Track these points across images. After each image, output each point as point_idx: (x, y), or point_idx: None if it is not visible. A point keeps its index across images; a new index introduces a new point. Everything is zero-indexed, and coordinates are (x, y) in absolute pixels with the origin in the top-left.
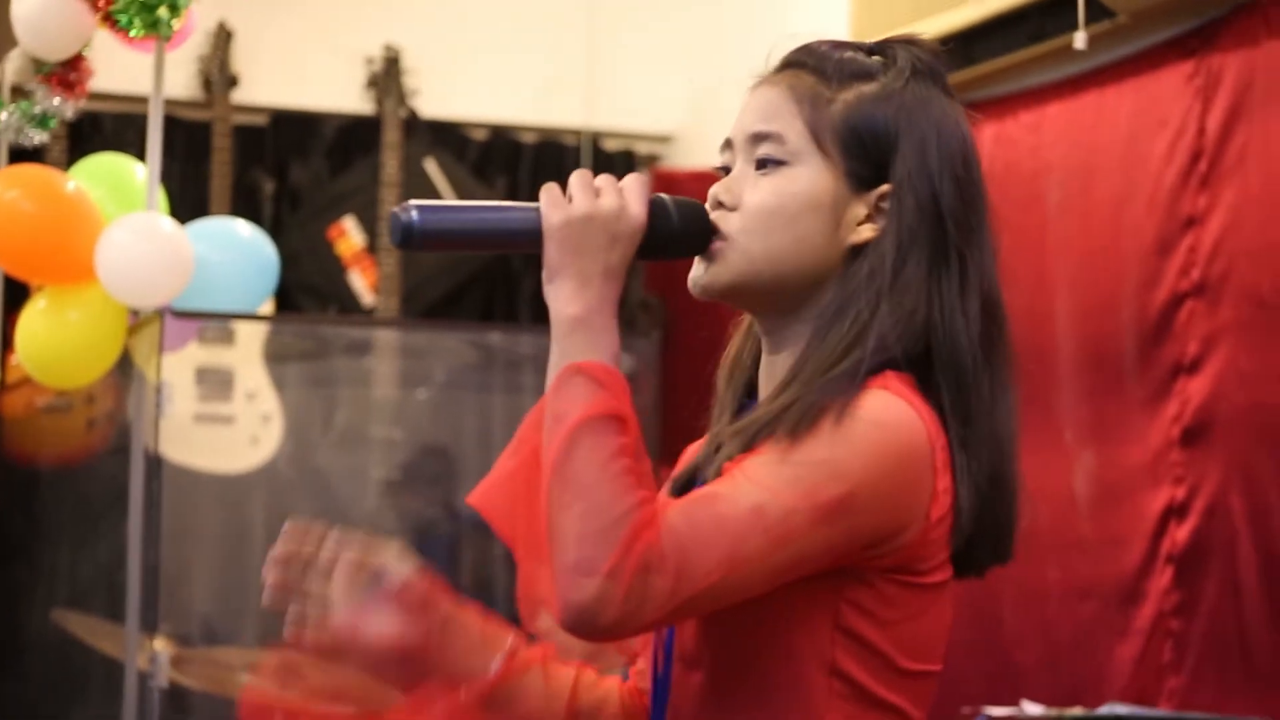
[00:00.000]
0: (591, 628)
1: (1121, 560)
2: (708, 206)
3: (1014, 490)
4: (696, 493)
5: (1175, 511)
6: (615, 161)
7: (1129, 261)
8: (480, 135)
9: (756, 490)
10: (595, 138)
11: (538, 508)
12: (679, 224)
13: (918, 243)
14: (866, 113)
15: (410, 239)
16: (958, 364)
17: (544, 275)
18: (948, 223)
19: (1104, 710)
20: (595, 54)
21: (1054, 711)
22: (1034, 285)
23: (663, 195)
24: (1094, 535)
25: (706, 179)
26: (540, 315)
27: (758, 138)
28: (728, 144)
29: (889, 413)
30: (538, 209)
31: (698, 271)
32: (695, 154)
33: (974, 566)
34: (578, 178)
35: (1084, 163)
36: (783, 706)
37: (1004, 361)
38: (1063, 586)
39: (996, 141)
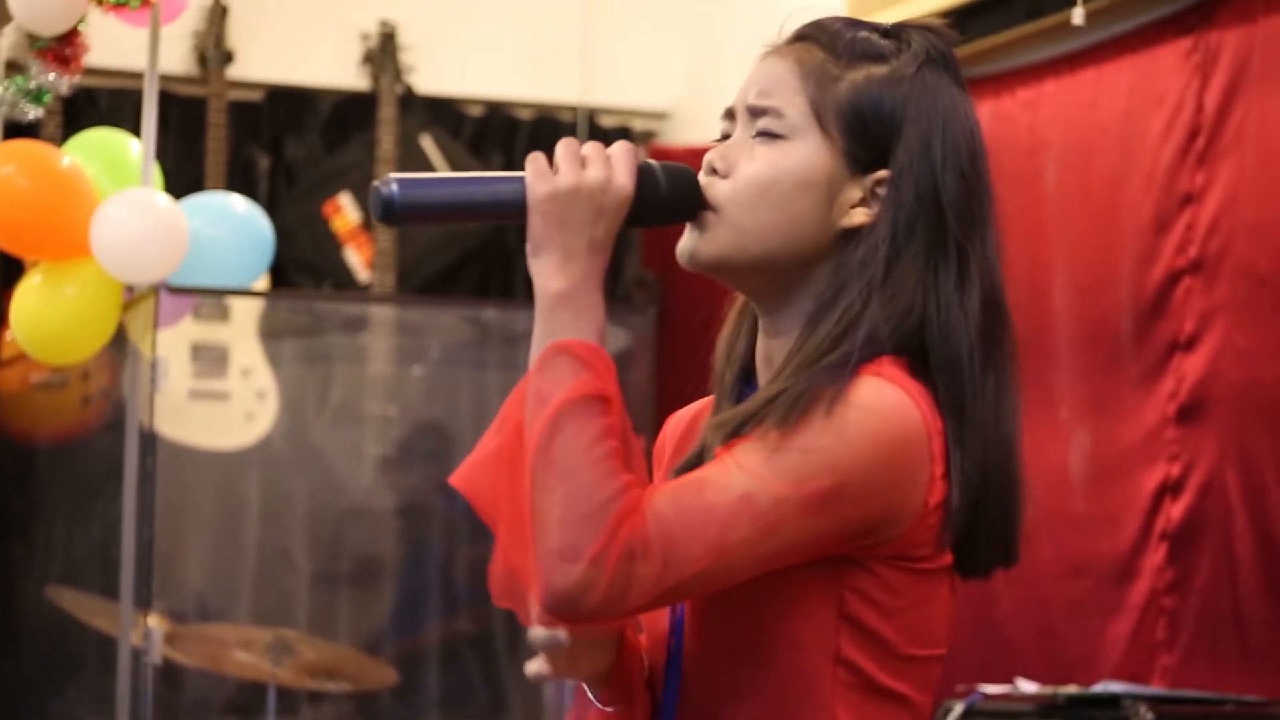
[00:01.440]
0: (574, 613)
1: (1116, 537)
2: (701, 172)
3: (1017, 490)
4: (684, 478)
5: (1170, 488)
6: (611, 138)
7: (1126, 238)
8: (476, 111)
9: (746, 478)
10: (591, 114)
11: (520, 488)
12: (668, 191)
13: (915, 234)
14: (874, 95)
15: (391, 213)
16: (953, 359)
17: (528, 249)
18: (948, 215)
19: (1098, 688)
20: (591, 30)
21: (1048, 689)
22: (1031, 263)
23: (651, 161)
24: (1088, 512)
25: (703, 155)
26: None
27: (758, 110)
28: (730, 113)
29: (883, 400)
30: (523, 179)
31: (687, 241)
32: (692, 130)
33: (978, 567)
34: (563, 147)
35: (1081, 140)
36: (789, 696)
37: (1006, 360)
38: (1057, 564)
39: (993, 119)
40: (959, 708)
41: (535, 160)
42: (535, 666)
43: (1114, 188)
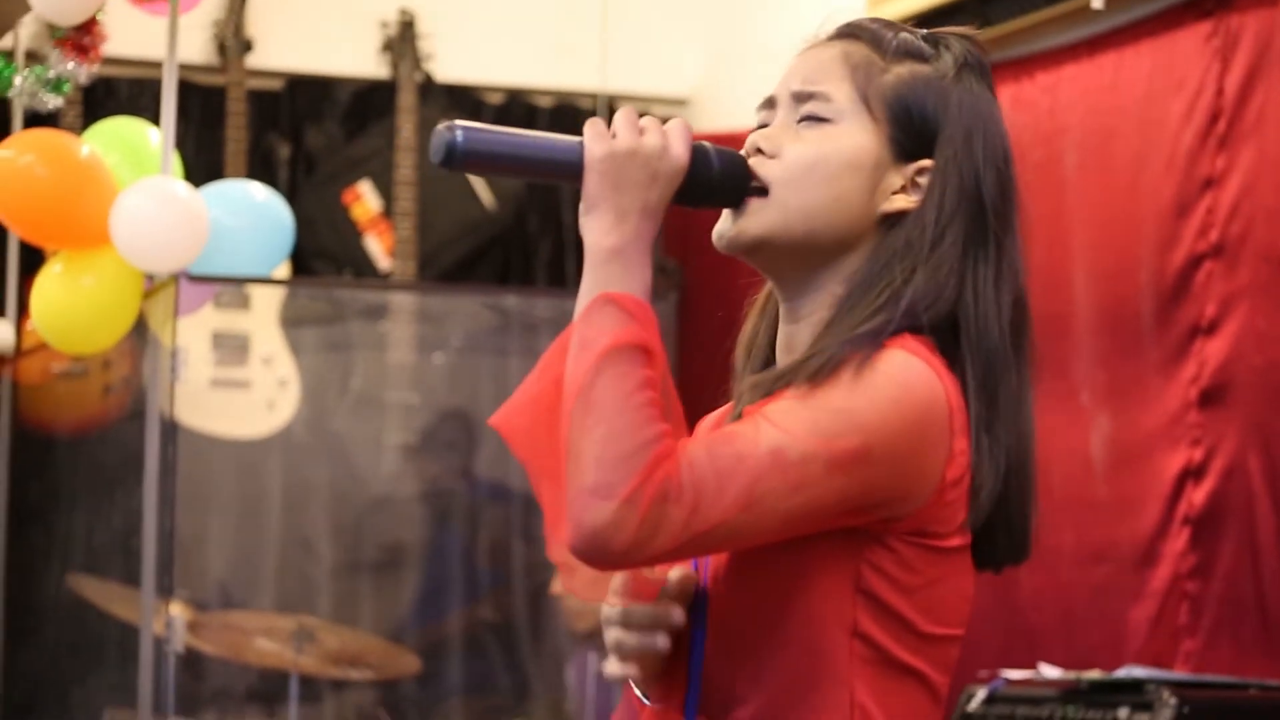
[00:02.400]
0: (602, 552)
1: (1138, 522)
2: (745, 154)
3: (1032, 488)
4: (719, 431)
5: (1192, 473)
6: None
7: (1147, 223)
8: (495, 99)
9: (777, 433)
10: (611, 101)
11: (558, 432)
12: (719, 172)
13: (956, 221)
14: (918, 88)
15: (452, 157)
16: (988, 348)
17: (581, 207)
18: (988, 210)
19: (1121, 673)
20: (611, 17)
21: (1071, 674)
22: (1051, 247)
23: (706, 142)
24: (1110, 497)
25: (724, 142)
26: (556, 279)
27: (803, 95)
28: (770, 102)
29: (909, 371)
30: (581, 141)
31: (725, 224)
32: (711, 117)
33: (992, 559)
34: (623, 114)
35: (1101, 124)
36: (807, 669)
37: (1027, 362)
38: (1079, 549)
39: (1013, 103)
40: (981, 693)
41: (594, 124)
42: (613, 668)
43: (1134, 172)
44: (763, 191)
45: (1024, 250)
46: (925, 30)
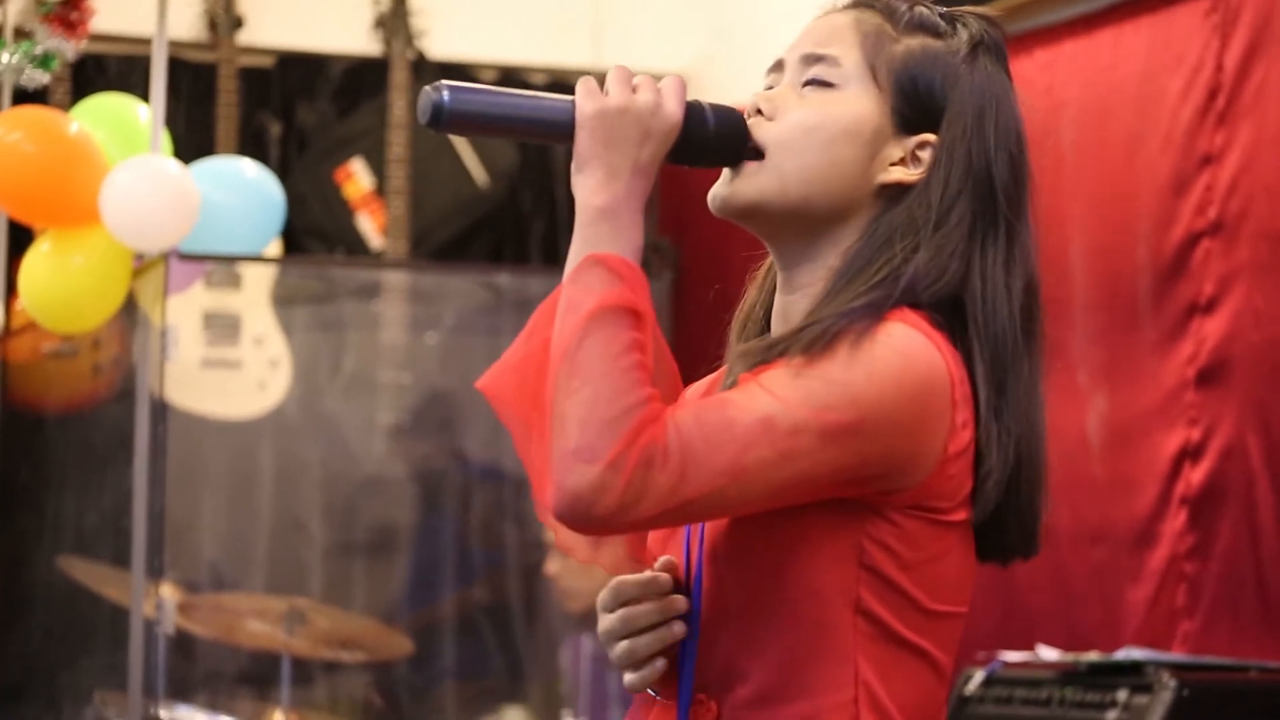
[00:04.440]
0: (585, 517)
1: (1135, 503)
2: (745, 114)
3: (1043, 482)
4: (709, 398)
5: (1190, 453)
6: None
7: (1144, 200)
8: (489, 76)
9: (769, 400)
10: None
11: (544, 398)
12: (714, 130)
13: (963, 201)
14: (928, 62)
15: (440, 118)
16: (997, 333)
17: (573, 165)
18: (999, 194)
19: (1119, 654)
20: None
21: (1069, 656)
22: (1048, 225)
23: (700, 100)
24: (1107, 478)
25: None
26: (550, 257)
27: (811, 58)
28: (778, 65)
29: (909, 343)
30: (572, 101)
31: (722, 185)
32: (708, 94)
33: (999, 550)
34: (616, 71)
35: (1099, 101)
36: (810, 645)
37: (1039, 350)
38: (1075, 530)
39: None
40: (979, 675)
41: (586, 81)
42: (634, 679)
43: (1132, 149)
44: (758, 154)
45: (1036, 236)
46: (944, 8)
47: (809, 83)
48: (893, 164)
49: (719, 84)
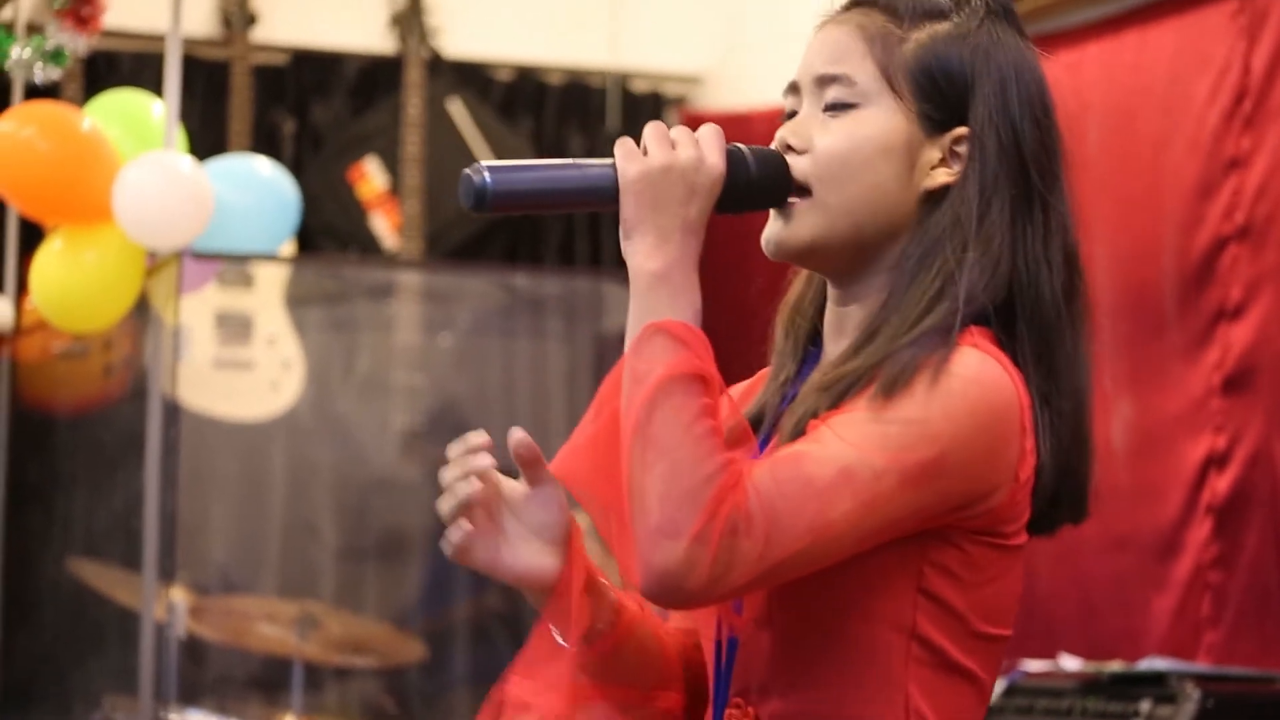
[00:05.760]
0: (677, 593)
1: (1160, 511)
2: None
3: (1090, 446)
4: (783, 452)
5: (1216, 461)
6: (643, 102)
7: (1170, 205)
8: (505, 76)
9: (845, 450)
10: (622, 79)
11: (618, 471)
12: (757, 173)
13: (1000, 188)
14: (940, 52)
15: (484, 201)
16: (1042, 316)
17: (621, 231)
18: (1030, 168)
19: (1143, 664)
20: None
21: (1091, 665)
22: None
23: (739, 144)
24: (1132, 485)
25: (738, 121)
26: (565, 258)
27: (826, 80)
28: (794, 88)
29: (984, 372)
30: (612, 164)
31: (774, 229)
32: (725, 95)
33: (1049, 525)
34: (652, 129)
35: (1125, 104)
36: (860, 670)
37: (1083, 313)
38: (1100, 538)
39: None
40: (1001, 684)
41: (624, 143)
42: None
43: (1158, 152)
44: (804, 191)
45: (1073, 197)
46: None
47: (829, 107)
48: (934, 167)
49: (738, 85)
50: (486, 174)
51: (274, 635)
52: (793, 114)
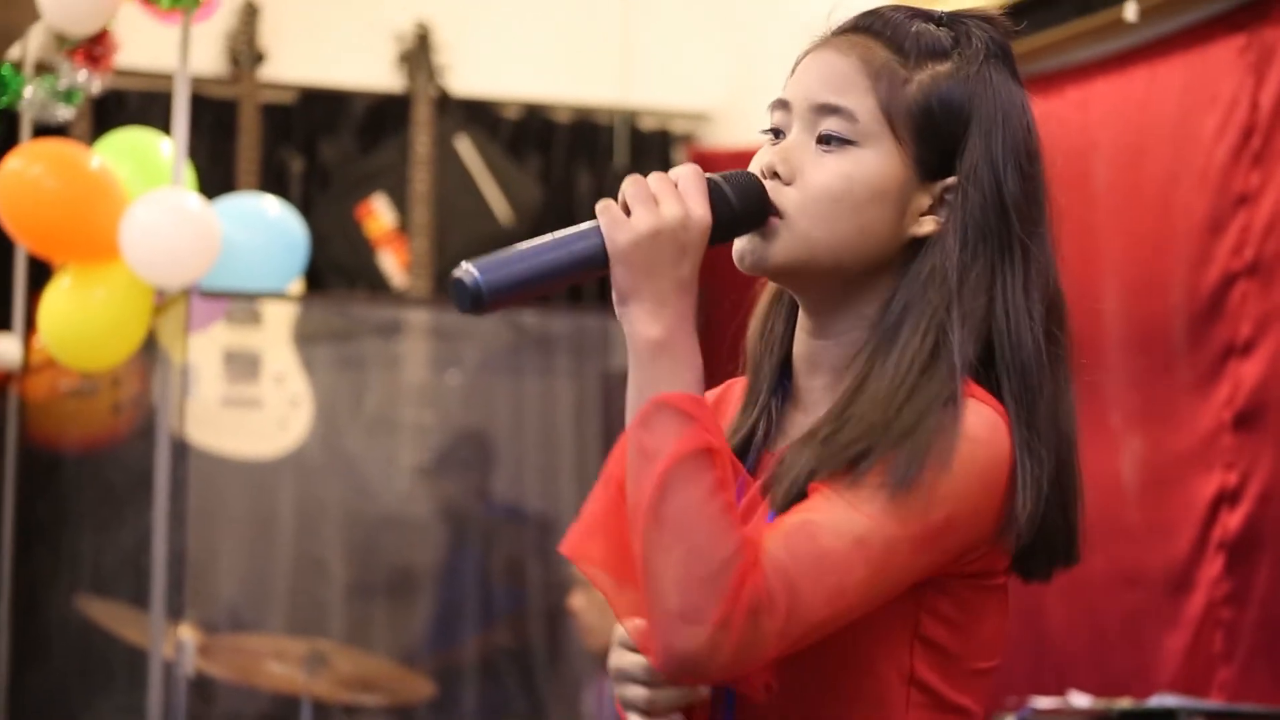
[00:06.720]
0: (700, 675)
1: (1171, 548)
2: (759, 174)
3: (1077, 490)
4: (794, 521)
5: (1227, 498)
6: (651, 140)
7: (1179, 241)
8: (513, 113)
9: (858, 521)
10: (631, 116)
11: (631, 549)
12: (740, 207)
13: (983, 238)
14: (942, 96)
15: (481, 301)
16: (1023, 365)
17: (615, 298)
18: (1011, 216)
19: (1153, 701)
20: (631, 30)
21: (1101, 702)
22: (1081, 266)
23: (715, 178)
24: (1142, 522)
25: (746, 159)
26: (574, 296)
27: (825, 109)
28: (783, 105)
29: (986, 428)
30: (598, 230)
31: (749, 245)
32: (733, 131)
33: (1040, 570)
34: (631, 187)
35: (1133, 140)
36: (861, 718)
37: (1064, 358)
38: (1110, 574)
39: (1043, 119)
40: None
41: (607, 209)
42: None
43: (1167, 188)
44: (779, 212)
45: (1056, 238)
46: (945, 11)
47: (825, 139)
48: (923, 214)
49: (745, 121)
50: (477, 274)
51: (283, 673)
52: (776, 131)
